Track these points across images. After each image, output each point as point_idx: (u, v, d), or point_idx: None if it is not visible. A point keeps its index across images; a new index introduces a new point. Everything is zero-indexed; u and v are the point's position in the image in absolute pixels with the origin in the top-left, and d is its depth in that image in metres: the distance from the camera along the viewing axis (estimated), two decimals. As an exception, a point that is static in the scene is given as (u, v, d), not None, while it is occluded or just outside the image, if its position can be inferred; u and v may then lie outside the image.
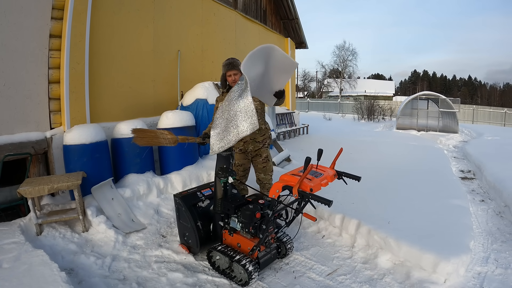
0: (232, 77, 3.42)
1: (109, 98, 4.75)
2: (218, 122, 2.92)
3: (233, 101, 2.79)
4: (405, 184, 4.96)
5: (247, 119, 2.69)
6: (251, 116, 2.67)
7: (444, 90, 69.65)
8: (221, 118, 2.90)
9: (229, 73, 3.42)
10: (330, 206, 2.23)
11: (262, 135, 3.64)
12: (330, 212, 3.71)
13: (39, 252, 2.71)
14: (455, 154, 9.01)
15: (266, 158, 3.69)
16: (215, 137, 2.92)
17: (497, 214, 4.40)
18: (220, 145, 2.87)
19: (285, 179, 2.50)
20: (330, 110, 26.98)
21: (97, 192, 3.75)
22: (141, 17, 5.25)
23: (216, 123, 2.92)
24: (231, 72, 3.41)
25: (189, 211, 3.02)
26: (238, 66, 3.36)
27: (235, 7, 8.00)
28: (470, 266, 2.98)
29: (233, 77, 3.42)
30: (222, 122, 2.88)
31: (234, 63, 3.42)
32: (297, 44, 11.82)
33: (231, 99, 2.80)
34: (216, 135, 2.92)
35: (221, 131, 2.88)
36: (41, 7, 3.81)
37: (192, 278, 2.79)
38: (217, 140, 2.90)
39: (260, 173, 3.72)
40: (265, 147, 3.68)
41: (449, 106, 13.97)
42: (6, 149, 3.52)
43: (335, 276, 2.89)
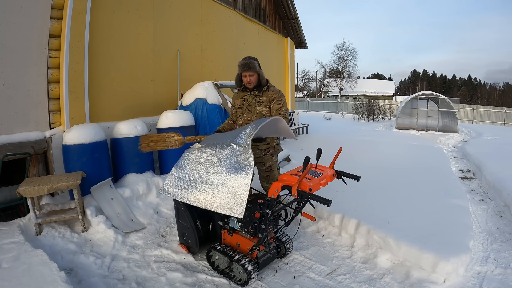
0: (248, 78, 3.31)
1: (108, 98, 4.75)
2: (191, 166, 2.71)
3: (223, 160, 2.50)
4: (404, 184, 4.96)
5: (232, 199, 2.36)
6: (240, 203, 2.32)
7: (444, 89, 69.67)
8: (198, 164, 2.67)
9: (244, 73, 3.31)
10: (329, 206, 2.23)
11: (266, 143, 3.41)
12: (329, 212, 3.71)
13: (39, 252, 2.71)
14: (455, 153, 9.01)
15: (269, 167, 3.45)
16: (175, 178, 2.74)
17: (497, 213, 4.40)
18: (176, 192, 2.70)
19: (284, 178, 2.50)
20: (329, 109, 26.98)
21: (96, 192, 3.75)
22: (141, 16, 5.24)
23: (188, 166, 2.73)
24: (246, 73, 3.30)
25: (189, 210, 3.02)
26: (255, 67, 3.26)
27: (235, 7, 7.99)
28: (470, 265, 2.98)
29: (248, 78, 3.31)
30: (196, 169, 2.65)
31: (250, 65, 3.27)
32: (296, 43, 11.82)
33: (223, 153, 2.55)
34: (177, 178, 2.73)
35: (188, 179, 2.67)
36: (40, 7, 3.80)
37: (191, 277, 2.79)
38: (176, 185, 2.71)
39: (263, 181, 3.54)
40: (268, 156, 3.43)
41: (449, 105, 13.97)
42: (5, 149, 3.52)
43: (335, 275, 2.89)
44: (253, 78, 3.31)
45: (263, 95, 3.35)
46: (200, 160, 2.71)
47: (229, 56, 7.84)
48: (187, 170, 2.74)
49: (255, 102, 3.37)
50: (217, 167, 2.52)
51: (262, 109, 3.35)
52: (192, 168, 2.72)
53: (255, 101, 3.37)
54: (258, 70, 3.29)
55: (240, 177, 2.36)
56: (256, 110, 3.36)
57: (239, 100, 3.49)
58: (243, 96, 3.46)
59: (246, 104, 3.41)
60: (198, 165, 2.69)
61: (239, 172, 2.39)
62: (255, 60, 3.33)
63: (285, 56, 11.19)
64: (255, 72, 3.28)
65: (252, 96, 3.39)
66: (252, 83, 3.33)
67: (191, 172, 2.70)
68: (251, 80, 3.31)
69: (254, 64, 3.27)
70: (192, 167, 2.72)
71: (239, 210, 2.33)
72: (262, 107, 3.35)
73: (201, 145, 2.86)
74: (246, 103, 3.41)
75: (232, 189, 2.39)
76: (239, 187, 2.36)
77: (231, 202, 2.37)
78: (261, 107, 3.35)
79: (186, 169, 2.75)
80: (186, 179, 2.72)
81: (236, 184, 2.38)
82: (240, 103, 3.47)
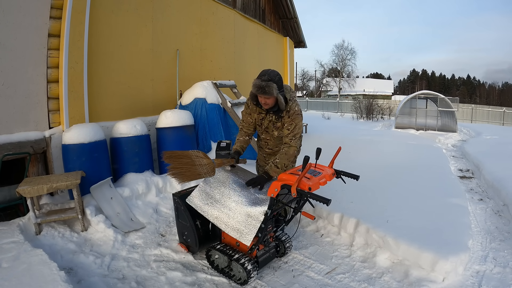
0: (263, 100, 2.84)
1: (108, 97, 4.75)
2: (216, 185, 2.85)
3: (245, 193, 2.72)
4: (403, 183, 4.96)
5: (245, 227, 2.59)
6: (250, 233, 2.55)
7: (443, 89, 69.69)
8: (224, 186, 2.82)
9: (260, 96, 2.85)
10: (328, 205, 2.23)
11: (274, 152, 3.27)
12: (328, 211, 3.72)
13: (38, 252, 2.71)
14: (454, 153, 9.02)
15: None
16: (201, 192, 2.87)
17: (496, 213, 4.41)
18: (199, 205, 2.85)
19: (284, 178, 2.50)
20: (329, 109, 26.96)
21: (96, 191, 3.75)
22: (140, 16, 5.24)
23: (214, 184, 2.86)
24: (262, 97, 2.82)
25: (188, 210, 3.02)
26: (271, 92, 2.71)
27: (234, 6, 7.99)
28: (469, 264, 2.99)
29: (264, 100, 2.84)
30: (220, 190, 2.81)
31: (267, 89, 2.71)
32: (295, 43, 11.82)
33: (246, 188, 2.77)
34: (203, 192, 2.87)
35: (212, 197, 2.82)
36: (39, 7, 3.80)
37: (191, 277, 2.79)
38: (201, 198, 2.85)
39: None
40: None
41: (448, 105, 13.97)
42: (5, 149, 3.52)
43: (334, 274, 2.90)
44: (269, 101, 2.84)
45: (279, 121, 3.01)
46: (226, 184, 2.85)
47: (228, 56, 7.84)
48: (213, 188, 2.88)
49: (272, 126, 3.09)
50: (238, 197, 2.71)
51: (280, 134, 3.09)
52: (217, 187, 2.87)
53: (271, 125, 3.08)
54: (277, 95, 2.77)
55: (256, 210, 2.57)
56: (273, 134, 3.14)
57: (256, 115, 3.11)
58: (261, 113, 3.08)
59: (265, 125, 3.11)
60: (223, 187, 2.84)
61: (255, 205, 2.60)
62: (275, 81, 2.75)
63: (284, 55, 11.19)
64: (272, 97, 2.80)
65: (268, 120, 3.07)
66: (268, 105, 2.88)
67: (215, 191, 2.86)
68: (267, 102, 2.85)
69: (271, 88, 2.71)
70: (217, 186, 2.87)
71: (248, 239, 2.55)
72: (279, 132, 3.06)
73: (230, 168, 3.04)
74: (265, 123, 3.10)
75: (246, 219, 2.60)
76: (253, 219, 2.57)
77: (244, 230, 2.60)
78: (278, 131, 3.07)
79: (212, 187, 2.89)
80: (210, 195, 2.86)
81: (251, 214, 2.59)
82: (258, 119, 3.13)
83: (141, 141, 4.36)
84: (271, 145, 3.29)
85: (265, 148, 3.35)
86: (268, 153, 3.35)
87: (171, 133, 4.66)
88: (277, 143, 3.24)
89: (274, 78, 2.77)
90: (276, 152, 3.27)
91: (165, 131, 4.68)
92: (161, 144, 4.76)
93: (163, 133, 4.70)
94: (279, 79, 2.82)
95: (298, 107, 3.00)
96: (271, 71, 2.81)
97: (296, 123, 2.94)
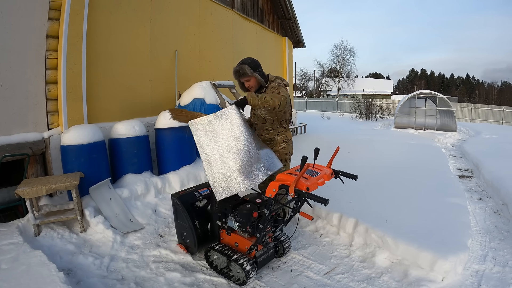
0: (246, 84, 3.23)
1: (106, 98, 4.74)
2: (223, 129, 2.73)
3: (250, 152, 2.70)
4: (402, 183, 4.97)
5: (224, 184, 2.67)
6: (223, 193, 2.67)
7: (442, 88, 69.72)
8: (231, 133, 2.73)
9: (241, 80, 3.23)
10: (326, 205, 2.23)
11: (272, 146, 3.34)
12: (327, 211, 3.72)
13: (37, 253, 2.71)
14: (453, 152, 9.03)
15: None
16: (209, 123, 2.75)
17: (495, 212, 4.42)
18: (201, 135, 2.76)
19: (282, 178, 2.50)
20: (328, 109, 27.00)
21: (95, 192, 3.75)
22: (138, 17, 5.24)
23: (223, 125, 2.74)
24: (243, 79, 3.21)
25: (187, 210, 3.02)
26: (245, 72, 3.11)
27: (232, 7, 7.99)
28: (468, 264, 2.99)
29: (246, 84, 3.23)
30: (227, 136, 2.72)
31: (240, 71, 3.14)
32: (294, 43, 11.82)
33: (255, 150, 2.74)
34: (209, 124, 2.74)
35: (215, 134, 2.73)
36: (38, 8, 3.80)
37: (190, 277, 2.79)
38: (205, 129, 2.75)
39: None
40: None
41: (447, 104, 13.99)
42: (3, 150, 3.51)
43: (333, 275, 2.90)
44: (251, 82, 3.21)
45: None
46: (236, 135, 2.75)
47: (227, 56, 7.84)
48: (219, 128, 2.75)
49: None
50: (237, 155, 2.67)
51: (261, 113, 3.29)
52: (223, 131, 2.74)
53: None
54: (252, 74, 3.14)
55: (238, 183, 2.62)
56: (258, 114, 3.32)
57: None
58: None
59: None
60: (230, 134, 2.73)
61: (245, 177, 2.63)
62: (247, 63, 3.15)
63: (283, 55, 11.18)
64: (250, 77, 3.17)
65: None
66: (253, 87, 3.23)
67: (221, 134, 2.74)
68: (249, 85, 3.22)
69: (244, 69, 3.12)
70: (224, 130, 2.74)
71: (220, 196, 2.67)
72: (261, 111, 3.27)
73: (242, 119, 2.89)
74: None
75: (227, 181, 2.65)
76: (232, 185, 2.63)
77: (221, 185, 2.67)
78: (261, 110, 3.26)
79: (217, 127, 2.76)
80: (214, 131, 2.75)
81: (232, 180, 2.63)
82: None
83: (140, 142, 4.36)
84: (257, 131, 3.36)
85: None
86: None
87: (170, 134, 4.66)
88: (261, 125, 3.33)
89: (246, 61, 3.16)
90: (263, 140, 3.34)
91: (164, 132, 4.68)
92: (160, 145, 4.75)
93: (162, 133, 4.70)
94: (251, 61, 3.17)
95: (280, 82, 3.23)
96: (244, 58, 3.22)
97: (279, 91, 3.07)
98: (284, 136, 3.37)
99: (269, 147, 3.28)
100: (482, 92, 68.82)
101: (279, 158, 3.25)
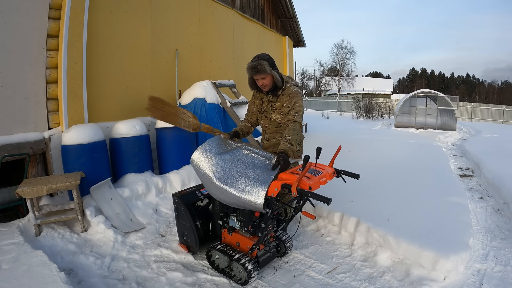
0: (261, 82, 2.93)
1: (107, 97, 4.74)
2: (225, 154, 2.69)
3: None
4: (403, 182, 4.96)
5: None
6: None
7: (442, 88, 69.74)
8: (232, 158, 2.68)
9: (256, 77, 2.92)
10: (329, 204, 2.22)
11: None
12: (329, 210, 3.72)
13: (38, 253, 2.70)
14: (454, 151, 9.01)
15: None
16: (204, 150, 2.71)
17: (496, 211, 4.41)
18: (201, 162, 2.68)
19: (284, 177, 2.49)
20: (328, 108, 26.98)
21: (95, 192, 3.74)
22: (139, 16, 5.23)
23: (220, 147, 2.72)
24: (258, 76, 2.90)
25: (188, 210, 3.01)
26: (264, 69, 2.81)
27: (233, 6, 7.98)
28: (470, 263, 2.98)
29: (261, 82, 2.92)
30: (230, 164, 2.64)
31: (259, 67, 2.81)
32: (295, 42, 11.80)
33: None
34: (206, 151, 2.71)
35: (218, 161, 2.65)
36: (38, 7, 3.79)
37: (191, 277, 2.79)
38: (205, 157, 2.69)
39: None
40: None
41: (448, 104, 13.97)
42: (4, 150, 3.51)
43: (335, 274, 2.89)
44: (266, 81, 2.91)
45: (277, 100, 3.00)
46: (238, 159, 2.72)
47: (227, 55, 7.83)
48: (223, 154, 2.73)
49: (270, 108, 3.07)
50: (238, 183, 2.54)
51: (276, 117, 3.06)
52: (226, 156, 2.71)
53: (270, 107, 3.07)
54: (270, 71, 2.85)
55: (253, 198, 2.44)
56: (271, 117, 3.10)
57: (258, 102, 3.18)
58: (262, 98, 3.14)
59: (264, 107, 3.13)
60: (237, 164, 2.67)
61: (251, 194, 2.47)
62: (266, 59, 2.86)
63: (284, 55, 11.17)
64: (267, 74, 2.87)
65: (267, 101, 3.08)
66: (267, 86, 2.94)
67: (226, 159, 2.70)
68: (264, 83, 2.92)
69: (263, 65, 2.81)
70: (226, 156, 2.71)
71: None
72: (277, 115, 3.04)
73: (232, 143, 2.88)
74: (264, 106, 3.13)
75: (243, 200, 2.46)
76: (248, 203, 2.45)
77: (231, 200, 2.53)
78: (275, 114, 3.04)
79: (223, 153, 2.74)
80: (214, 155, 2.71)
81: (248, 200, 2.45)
82: (259, 105, 3.18)
83: (140, 141, 4.35)
84: (269, 134, 3.22)
85: (263, 140, 3.33)
86: (265, 146, 3.28)
87: (170, 133, 4.66)
88: (274, 129, 3.16)
89: (264, 57, 2.88)
90: (273, 144, 3.20)
91: (164, 131, 4.67)
92: (160, 144, 4.75)
93: (162, 133, 4.70)
94: (269, 58, 2.90)
95: (296, 89, 2.97)
96: (260, 53, 2.94)
97: (296, 100, 2.89)
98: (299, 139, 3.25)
99: None
100: (483, 91, 68.84)
101: None
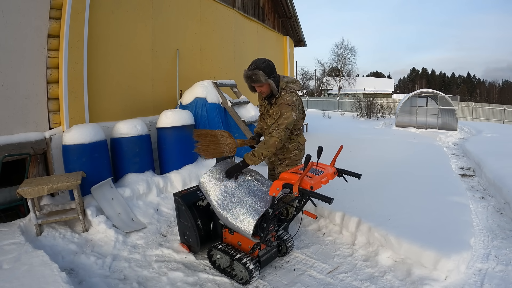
0: (258, 89, 2.96)
1: (108, 97, 4.74)
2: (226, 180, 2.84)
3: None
4: (405, 182, 4.96)
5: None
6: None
7: (443, 87, 69.65)
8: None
9: (252, 84, 2.93)
10: (330, 204, 2.22)
11: (282, 153, 3.22)
12: (330, 210, 3.71)
13: (39, 253, 2.70)
14: (455, 151, 9.01)
15: (279, 173, 3.17)
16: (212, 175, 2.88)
17: (497, 211, 4.40)
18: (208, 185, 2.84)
19: (285, 177, 2.49)
20: (329, 108, 26.98)
21: (96, 192, 3.74)
22: (139, 16, 5.23)
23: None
24: (255, 85, 2.92)
25: (189, 210, 3.01)
26: (259, 79, 2.81)
27: (234, 6, 7.98)
28: (471, 263, 2.98)
29: (259, 89, 2.96)
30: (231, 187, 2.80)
31: (254, 77, 2.81)
32: (295, 42, 11.81)
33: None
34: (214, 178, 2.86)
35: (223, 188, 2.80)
36: (39, 7, 3.79)
37: (192, 277, 2.79)
38: (211, 182, 2.85)
39: None
40: (283, 165, 3.24)
41: (448, 103, 13.95)
42: (5, 150, 3.51)
43: (336, 274, 2.89)
44: (263, 88, 2.92)
45: (271, 108, 3.05)
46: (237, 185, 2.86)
47: (228, 55, 7.83)
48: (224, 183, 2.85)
49: (266, 113, 3.13)
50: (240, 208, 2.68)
51: (271, 123, 3.04)
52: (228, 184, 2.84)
53: (266, 112, 3.14)
54: (266, 81, 2.84)
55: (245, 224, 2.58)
56: (267, 122, 3.12)
57: (260, 103, 3.28)
58: (261, 102, 3.22)
59: (262, 111, 3.21)
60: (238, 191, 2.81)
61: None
62: (262, 68, 2.82)
63: (284, 54, 11.18)
64: (263, 83, 2.88)
65: (264, 106, 3.16)
66: (264, 93, 2.97)
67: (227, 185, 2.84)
68: (261, 90, 2.95)
69: (258, 76, 2.80)
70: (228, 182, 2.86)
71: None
72: (272, 120, 3.01)
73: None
74: (262, 110, 3.21)
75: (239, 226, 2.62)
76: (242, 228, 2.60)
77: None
78: (271, 120, 3.02)
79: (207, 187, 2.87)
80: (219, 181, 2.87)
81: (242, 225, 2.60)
82: (261, 108, 3.26)
83: (141, 141, 4.35)
84: (266, 135, 3.20)
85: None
86: None
87: (171, 133, 4.66)
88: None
89: (260, 65, 2.83)
90: None
91: (165, 131, 4.67)
92: (161, 144, 4.75)
93: (163, 133, 4.70)
94: (266, 65, 2.85)
95: (290, 97, 2.92)
96: (258, 59, 2.88)
97: (283, 112, 2.87)
98: (297, 143, 3.21)
99: (281, 154, 3.23)
100: (483, 91, 68.79)
101: (291, 164, 3.21)
